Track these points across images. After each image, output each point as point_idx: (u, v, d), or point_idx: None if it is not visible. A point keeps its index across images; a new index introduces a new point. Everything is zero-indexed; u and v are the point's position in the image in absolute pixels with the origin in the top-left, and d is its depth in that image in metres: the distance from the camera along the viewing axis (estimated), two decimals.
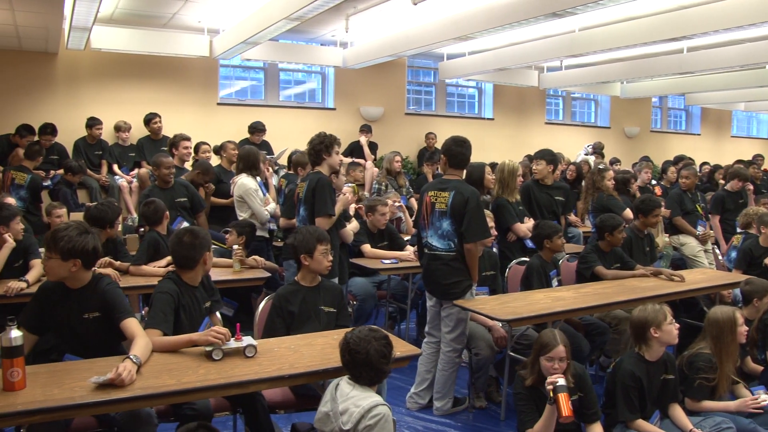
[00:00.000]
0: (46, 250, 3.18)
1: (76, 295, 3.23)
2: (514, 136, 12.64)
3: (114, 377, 2.65)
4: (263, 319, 3.88)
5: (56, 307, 3.22)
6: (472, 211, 4.36)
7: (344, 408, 2.82)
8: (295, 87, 11.16)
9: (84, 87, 9.03)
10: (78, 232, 3.17)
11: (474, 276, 4.52)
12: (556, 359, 3.37)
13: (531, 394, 3.47)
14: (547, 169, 6.13)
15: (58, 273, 3.18)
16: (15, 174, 7.15)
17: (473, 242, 4.39)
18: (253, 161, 6.24)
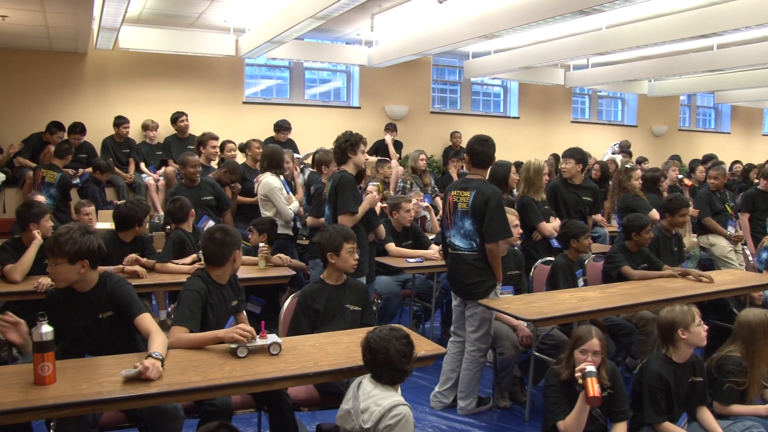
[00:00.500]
0: (50, 258, 3.09)
1: (86, 297, 3.22)
2: (540, 134, 12.57)
3: (142, 371, 2.68)
4: (288, 317, 3.89)
5: (68, 313, 3.20)
6: (493, 210, 4.33)
7: (365, 406, 2.83)
8: (321, 86, 11.20)
9: (112, 86, 9.15)
10: (80, 233, 3.12)
11: (498, 275, 4.49)
12: (589, 352, 3.35)
13: (564, 389, 3.44)
14: (576, 168, 6.08)
15: (67, 277, 3.13)
16: (45, 172, 7.28)
17: (494, 242, 4.37)
18: (277, 160, 6.27)
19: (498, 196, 4.38)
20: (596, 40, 8.51)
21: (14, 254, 4.69)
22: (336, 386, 3.58)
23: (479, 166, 4.55)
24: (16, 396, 2.53)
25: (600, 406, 3.33)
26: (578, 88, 13.07)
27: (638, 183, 6.84)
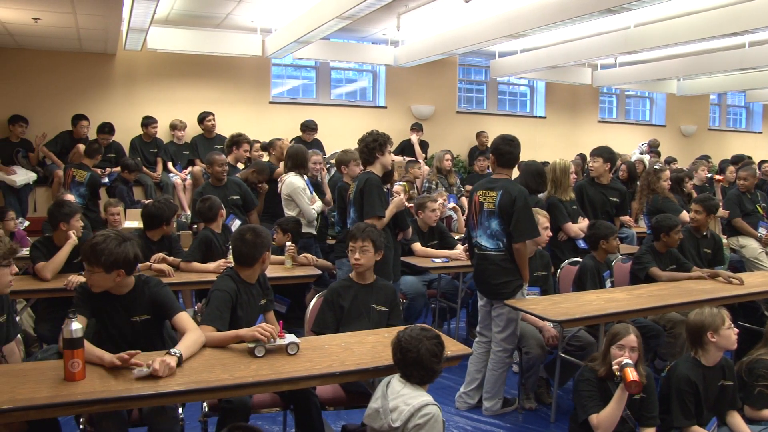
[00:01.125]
0: (87, 265, 3.11)
1: (121, 301, 3.24)
2: (567, 134, 12.47)
3: (153, 371, 2.71)
4: (314, 315, 3.91)
5: (101, 314, 3.23)
6: (520, 210, 4.30)
7: (394, 405, 2.83)
8: (347, 85, 11.23)
9: (140, 86, 9.26)
10: (117, 242, 3.11)
11: (524, 276, 4.46)
12: (627, 347, 3.34)
13: (599, 385, 3.43)
14: (604, 167, 6.02)
15: (102, 285, 3.15)
16: (75, 172, 7.39)
17: (521, 242, 4.35)
18: (301, 160, 6.27)
19: (525, 196, 4.35)
20: (624, 39, 8.43)
21: (45, 252, 4.77)
22: (362, 386, 3.59)
23: (505, 165, 4.52)
24: (48, 391, 2.57)
25: (640, 390, 3.32)
26: (605, 88, 12.93)
27: (667, 184, 6.76)
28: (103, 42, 8.23)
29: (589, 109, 12.92)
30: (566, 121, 12.59)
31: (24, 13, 6.57)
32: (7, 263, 3.11)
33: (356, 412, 4.10)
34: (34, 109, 8.45)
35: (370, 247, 3.83)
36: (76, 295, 3.21)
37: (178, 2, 7.75)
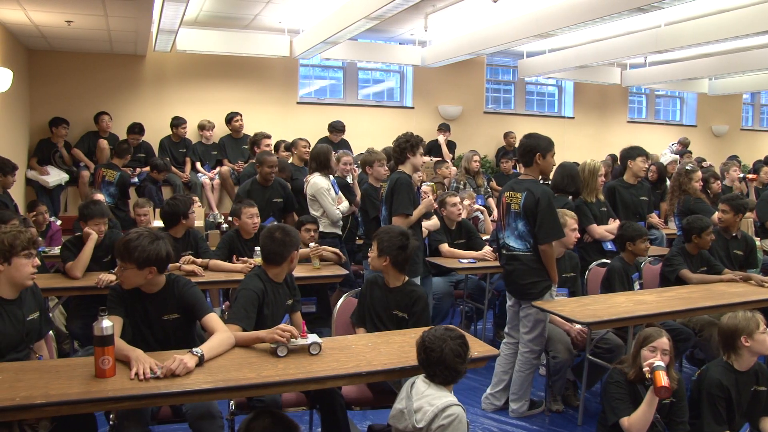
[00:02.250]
0: (120, 261, 3.16)
1: (152, 299, 3.28)
2: (595, 135, 12.36)
3: (166, 372, 2.74)
4: (342, 316, 3.93)
5: (133, 313, 3.26)
6: (544, 211, 4.28)
7: (419, 406, 2.83)
8: (374, 86, 11.25)
9: (170, 87, 9.37)
10: (150, 240, 3.16)
11: (553, 276, 4.44)
12: (659, 350, 3.30)
13: (629, 388, 3.39)
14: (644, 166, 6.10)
15: (134, 282, 3.19)
16: (105, 171, 7.51)
17: (547, 243, 4.32)
18: (323, 160, 6.27)
19: (548, 197, 4.32)
20: (655, 38, 8.33)
21: (75, 252, 4.85)
22: (388, 385, 3.59)
23: (528, 164, 4.47)
24: (79, 387, 2.62)
25: (669, 396, 3.28)
26: (635, 88, 12.79)
27: (699, 185, 6.65)
28: (134, 44, 8.34)
29: (619, 110, 12.79)
30: (595, 122, 12.48)
31: (57, 16, 6.69)
32: (28, 254, 3.12)
33: (382, 412, 4.10)
34: (65, 111, 8.58)
35: (375, 250, 3.84)
36: (109, 295, 3.25)
37: (207, 4, 7.83)
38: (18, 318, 3.17)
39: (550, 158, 4.44)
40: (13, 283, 3.14)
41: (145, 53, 9.05)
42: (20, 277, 3.12)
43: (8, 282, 3.13)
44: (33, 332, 3.27)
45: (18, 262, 3.10)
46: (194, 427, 3.15)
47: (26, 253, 3.11)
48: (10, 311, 3.14)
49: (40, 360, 3.28)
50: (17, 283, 3.14)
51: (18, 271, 3.10)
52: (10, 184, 5.77)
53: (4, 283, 3.12)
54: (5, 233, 3.11)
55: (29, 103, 8.49)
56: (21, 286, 3.18)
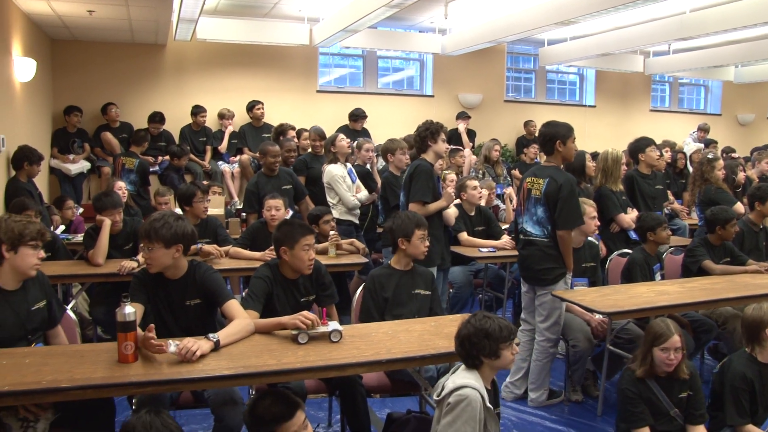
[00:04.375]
0: (145, 242, 3.20)
1: (176, 284, 3.32)
2: (617, 124, 12.24)
3: (181, 348, 2.78)
4: (360, 305, 3.95)
5: (156, 299, 3.31)
6: (565, 198, 4.29)
7: (446, 382, 2.87)
8: (394, 74, 11.22)
9: (190, 76, 9.42)
10: (174, 218, 3.24)
11: (568, 264, 4.43)
12: (671, 350, 3.26)
13: (640, 390, 3.34)
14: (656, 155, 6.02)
15: (162, 262, 3.23)
16: (125, 160, 7.61)
17: (566, 229, 4.33)
18: (328, 149, 6.40)
19: (571, 184, 4.33)
20: (679, 25, 8.21)
21: (96, 239, 4.92)
22: (407, 374, 3.61)
23: (550, 152, 4.48)
24: (103, 372, 2.67)
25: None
26: (658, 76, 12.61)
27: (722, 173, 6.57)
28: (154, 33, 8.39)
29: (641, 98, 12.65)
30: (616, 110, 12.36)
31: (79, 6, 6.75)
32: (35, 245, 3.14)
33: (401, 400, 4.14)
34: (87, 100, 8.66)
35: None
36: (132, 283, 3.30)
37: None
38: (21, 309, 3.18)
39: (570, 144, 4.44)
40: (17, 272, 3.15)
41: (166, 42, 9.10)
42: (24, 266, 3.13)
43: (12, 271, 3.14)
44: (41, 321, 3.30)
45: (24, 252, 3.11)
46: (216, 413, 3.19)
47: (33, 244, 3.13)
48: (12, 302, 3.15)
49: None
50: (21, 272, 3.15)
51: (23, 260, 3.12)
52: (35, 173, 5.85)
53: (8, 273, 3.14)
54: (16, 222, 3.13)
55: (52, 93, 8.58)
56: (24, 276, 3.18)
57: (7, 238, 3.08)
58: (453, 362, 3.01)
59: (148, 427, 2.28)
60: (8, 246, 3.09)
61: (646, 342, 3.38)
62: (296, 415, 2.47)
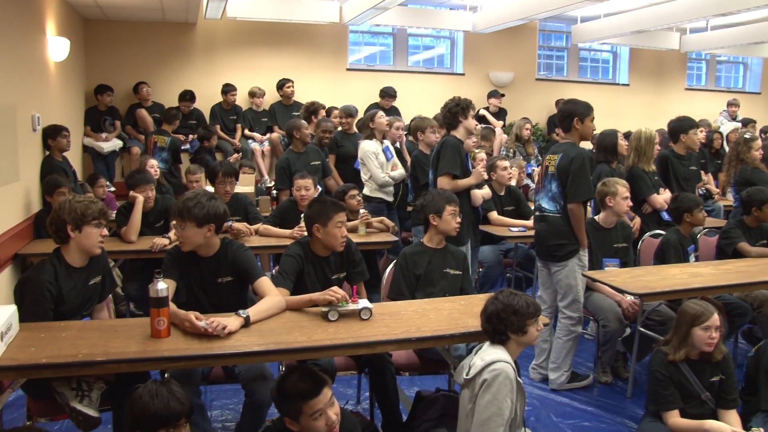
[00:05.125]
0: (178, 221, 3.25)
1: (208, 262, 3.37)
2: (651, 102, 12.02)
3: (209, 330, 2.82)
4: (390, 282, 3.96)
5: (189, 276, 3.36)
6: (576, 171, 4.25)
7: (474, 361, 2.89)
8: (424, 52, 11.14)
9: (220, 54, 9.44)
10: (207, 197, 3.28)
11: (581, 240, 4.38)
12: (712, 328, 3.23)
13: (671, 373, 3.31)
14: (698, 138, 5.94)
15: (194, 241, 3.27)
16: (157, 138, 7.69)
17: (576, 202, 4.29)
18: (361, 124, 6.45)
19: (583, 158, 4.27)
20: (718, 0, 8.00)
21: (128, 217, 5.02)
22: (436, 352, 3.62)
23: (567, 129, 4.44)
24: (136, 347, 2.73)
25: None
26: (695, 53, 12.35)
27: (759, 154, 6.43)
28: (185, 11, 8.41)
29: (676, 76, 12.39)
30: (651, 89, 12.13)
31: None
32: (98, 224, 3.25)
33: (430, 378, 4.17)
34: (119, 79, 8.73)
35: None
36: (165, 259, 3.35)
37: None
38: (83, 284, 3.32)
39: (588, 123, 4.41)
40: (83, 251, 3.28)
41: (196, 21, 9.12)
42: (89, 245, 3.26)
43: (78, 249, 3.27)
44: (94, 296, 3.40)
45: (88, 231, 3.24)
46: (247, 388, 3.24)
47: (96, 223, 3.24)
48: (77, 278, 3.28)
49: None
50: (86, 250, 3.28)
51: (87, 239, 3.24)
52: (64, 147, 5.90)
53: (74, 251, 3.27)
54: (79, 202, 3.24)
55: (85, 72, 8.66)
56: (89, 254, 3.32)
57: (71, 219, 3.21)
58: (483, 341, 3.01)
59: (153, 395, 2.36)
60: (73, 226, 3.21)
61: (683, 324, 3.32)
62: (323, 392, 2.49)
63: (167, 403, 2.34)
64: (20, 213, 5.07)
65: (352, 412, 3.50)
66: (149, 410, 2.33)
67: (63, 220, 3.21)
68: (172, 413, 2.35)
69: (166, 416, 2.34)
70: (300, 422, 2.48)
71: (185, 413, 2.39)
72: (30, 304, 3.07)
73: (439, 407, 3.30)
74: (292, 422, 2.50)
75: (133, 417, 2.37)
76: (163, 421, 2.34)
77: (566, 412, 4.24)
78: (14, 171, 4.95)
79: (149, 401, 2.34)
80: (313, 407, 2.45)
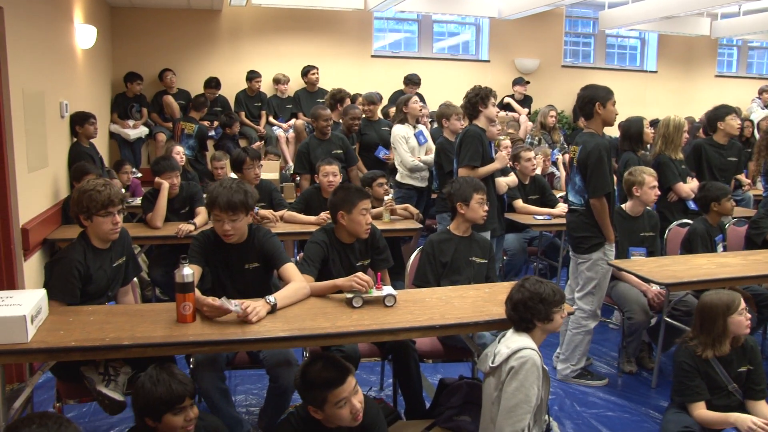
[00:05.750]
0: (228, 215, 3.22)
1: (237, 248, 3.39)
2: (680, 90, 11.85)
3: (241, 314, 2.84)
4: (414, 269, 3.96)
5: (216, 262, 3.39)
6: (593, 165, 4.17)
7: (499, 349, 2.89)
8: (449, 39, 11.07)
9: (245, 41, 9.47)
10: (239, 184, 3.34)
11: (606, 234, 4.28)
12: (745, 309, 3.21)
13: (698, 364, 3.25)
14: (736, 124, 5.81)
15: (244, 230, 3.35)
16: (185, 125, 7.73)
17: (595, 197, 4.20)
18: (400, 108, 6.45)
19: (599, 150, 4.16)
20: None
21: (154, 203, 5.07)
22: (460, 340, 3.62)
23: (589, 116, 4.33)
24: (162, 331, 2.76)
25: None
26: (726, 39, 12.14)
27: None
28: None
29: (706, 63, 12.18)
30: (679, 76, 11.95)
31: None
32: (105, 213, 3.25)
33: (453, 365, 4.18)
34: (145, 66, 8.80)
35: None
36: (192, 245, 3.39)
37: None
38: (108, 265, 3.38)
39: (610, 107, 4.27)
40: (99, 237, 3.33)
41: (221, 8, 9.15)
42: (101, 233, 3.30)
43: (95, 235, 3.33)
44: (118, 277, 3.46)
45: (97, 220, 3.27)
46: (271, 373, 3.27)
47: (103, 213, 3.25)
48: (102, 259, 3.34)
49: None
50: (101, 237, 3.33)
51: (99, 228, 3.28)
52: (92, 134, 5.96)
53: (94, 236, 3.33)
54: (84, 193, 3.25)
55: (111, 59, 8.74)
56: (107, 240, 3.36)
57: (80, 210, 3.26)
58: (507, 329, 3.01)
59: (155, 381, 2.44)
60: (83, 216, 3.27)
61: (716, 318, 3.23)
62: (347, 381, 2.50)
63: (169, 386, 2.43)
64: (49, 199, 5.14)
65: (375, 398, 3.55)
66: (153, 396, 2.41)
67: (75, 212, 3.29)
68: (176, 395, 2.43)
69: (170, 399, 2.42)
70: (324, 410, 2.49)
71: (189, 393, 2.47)
72: (59, 281, 3.15)
73: (462, 394, 3.29)
74: (316, 410, 2.52)
75: (139, 405, 2.45)
76: (169, 405, 2.42)
77: (589, 402, 4.22)
78: (43, 157, 5.01)
79: (152, 387, 2.42)
80: (337, 396, 2.47)
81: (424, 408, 3.59)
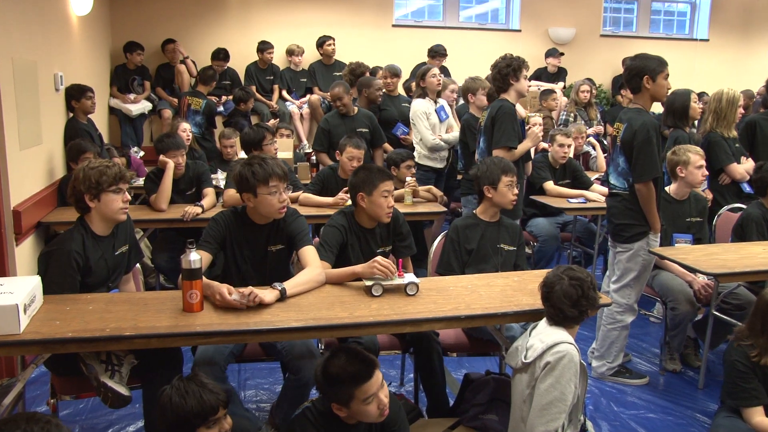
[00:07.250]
0: (279, 184, 3.28)
1: (262, 229, 3.43)
2: (735, 60, 11.63)
3: (242, 300, 2.87)
4: (437, 256, 3.96)
5: (238, 244, 3.41)
6: (640, 145, 4.05)
7: (532, 343, 2.88)
8: (477, 7, 10.97)
9: (256, 9, 9.43)
10: (270, 158, 3.40)
11: (652, 223, 4.19)
12: None
13: (754, 364, 3.15)
14: None
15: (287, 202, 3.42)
16: (191, 100, 7.72)
17: (642, 182, 4.09)
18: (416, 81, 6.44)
19: (647, 129, 4.05)
20: None
21: (158, 183, 5.08)
22: (487, 332, 3.62)
23: (636, 90, 4.20)
24: (167, 321, 2.77)
25: None
26: None
27: None
28: None
29: (766, 30, 11.94)
30: (735, 45, 11.72)
31: None
32: (116, 189, 3.28)
33: (479, 360, 4.17)
34: (147, 35, 8.79)
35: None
36: (209, 226, 3.40)
37: None
38: (109, 254, 3.38)
39: (661, 80, 4.13)
40: (106, 219, 3.32)
41: None
42: (111, 212, 3.30)
43: (101, 218, 3.31)
44: (120, 267, 3.48)
45: (107, 198, 3.26)
46: (293, 366, 3.28)
47: (114, 189, 3.27)
48: (103, 247, 3.34)
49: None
50: (109, 219, 3.32)
51: (108, 207, 3.28)
52: (89, 108, 5.97)
53: (97, 220, 3.32)
54: (92, 169, 3.27)
55: (110, 28, 8.74)
56: (113, 222, 3.37)
57: (86, 188, 3.24)
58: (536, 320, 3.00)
59: (184, 393, 2.36)
60: (90, 195, 3.25)
61: None
62: (375, 375, 2.49)
63: (200, 397, 2.35)
64: (43, 179, 5.18)
65: (396, 394, 3.55)
66: (184, 410, 2.33)
67: (80, 191, 3.25)
68: (209, 407, 2.35)
69: (202, 412, 2.34)
70: (350, 407, 2.49)
71: (222, 403, 2.40)
72: (56, 275, 3.12)
73: (489, 391, 3.30)
74: (340, 408, 2.52)
75: (168, 422, 2.36)
76: (202, 418, 2.35)
77: (628, 402, 4.20)
78: (36, 134, 5.03)
79: (181, 401, 2.34)
80: (366, 392, 2.46)
81: (448, 405, 3.60)
